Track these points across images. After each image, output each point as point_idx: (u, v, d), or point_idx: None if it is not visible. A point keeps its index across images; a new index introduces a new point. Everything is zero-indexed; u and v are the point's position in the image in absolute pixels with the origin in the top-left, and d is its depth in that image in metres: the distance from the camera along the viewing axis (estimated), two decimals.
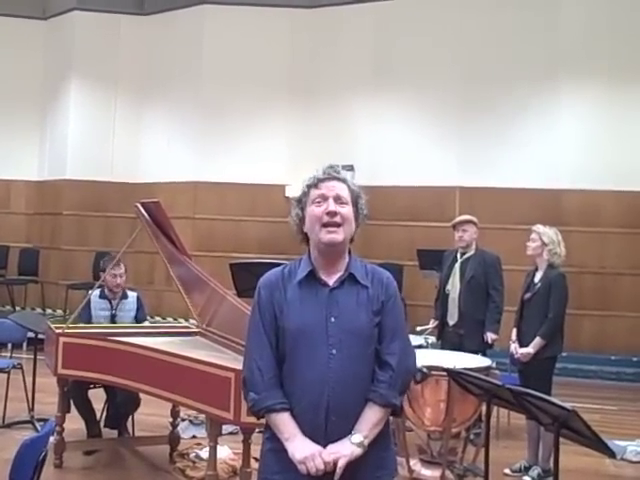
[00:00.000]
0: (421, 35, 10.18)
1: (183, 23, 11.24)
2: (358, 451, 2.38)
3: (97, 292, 5.89)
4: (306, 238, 2.54)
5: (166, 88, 11.32)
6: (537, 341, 5.20)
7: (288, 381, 2.44)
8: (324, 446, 2.38)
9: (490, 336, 5.96)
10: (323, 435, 2.39)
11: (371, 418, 2.43)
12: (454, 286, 6.18)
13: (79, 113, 11.50)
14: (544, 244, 5.34)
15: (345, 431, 2.40)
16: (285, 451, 2.39)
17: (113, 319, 5.88)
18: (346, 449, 2.37)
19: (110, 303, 5.90)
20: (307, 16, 10.89)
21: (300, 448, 2.36)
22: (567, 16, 9.62)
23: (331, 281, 2.48)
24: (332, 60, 10.69)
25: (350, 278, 2.49)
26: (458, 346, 5.79)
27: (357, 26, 10.56)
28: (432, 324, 6.33)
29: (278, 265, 2.61)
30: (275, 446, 2.45)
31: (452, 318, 6.16)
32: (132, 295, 6.03)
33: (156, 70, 11.40)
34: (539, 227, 5.44)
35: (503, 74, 9.84)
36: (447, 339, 6.15)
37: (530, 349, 5.20)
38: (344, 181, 2.54)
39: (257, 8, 10.88)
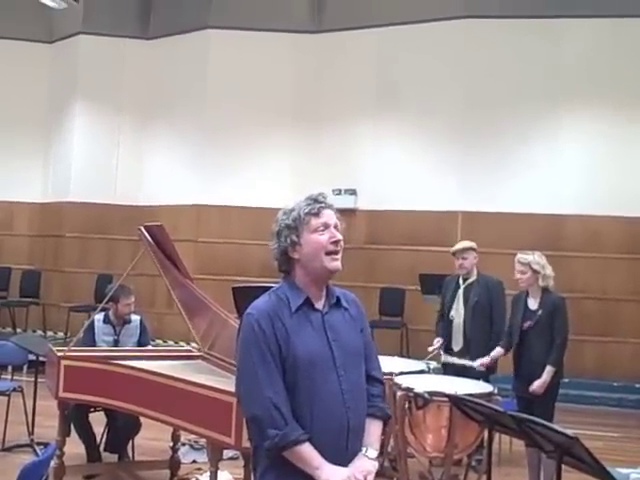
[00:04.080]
0: (424, 61, 10.26)
1: (187, 47, 11.33)
2: (377, 464, 2.50)
3: (101, 317, 5.88)
4: (288, 264, 2.56)
5: (170, 112, 11.39)
6: (549, 370, 5.14)
7: (306, 410, 2.43)
8: (345, 466, 2.44)
9: (481, 360, 5.82)
10: (344, 455, 2.46)
11: (376, 432, 2.57)
12: (458, 312, 6.15)
13: (83, 136, 11.57)
14: (535, 272, 5.29)
15: (358, 448, 2.50)
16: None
17: (116, 344, 5.86)
18: (370, 465, 2.48)
19: (114, 328, 5.89)
20: (310, 41, 10.98)
21: (336, 473, 2.40)
22: (569, 42, 9.70)
23: (319, 306, 2.54)
24: (335, 85, 10.76)
25: (335, 302, 2.58)
26: (462, 371, 5.74)
27: (360, 51, 10.65)
28: (437, 343, 6.27)
29: None
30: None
31: (457, 344, 6.13)
32: (135, 319, 6.01)
33: (160, 94, 11.48)
34: (523, 257, 5.32)
35: (505, 100, 9.90)
36: (451, 364, 6.10)
37: (544, 378, 5.15)
38: (333, 208, 2.60)
39: (261, 33, 10.97)
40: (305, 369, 2.43)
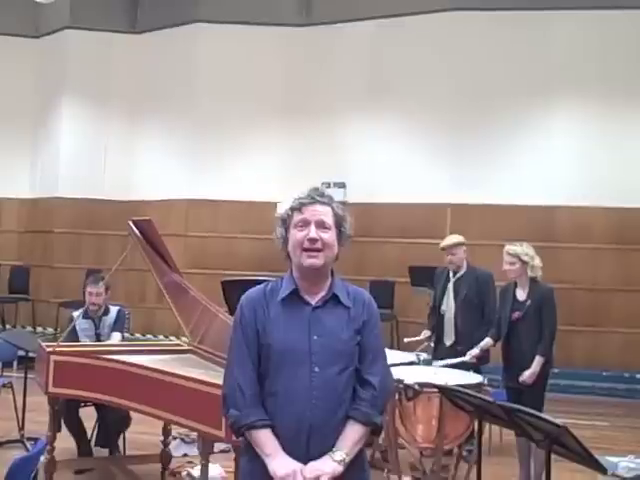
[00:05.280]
0: (414, 53, 10.24)
1: (176, 41, 11.27)
2: (339, 469, 2.40)
3: (80, 313, 5.87)
4: (289, 255, 2.58)
5: (159, 106, 11.34)
6: (538, 360, 5.15)
7: (271, 398, 2.46)
8: (305, 464, 2.40)
9: (470, 353, 5.71)
10: (305, 452, 2.42)
11: (352, 436, 2.47)
12: (449, 306, 6.14)
13: (71, 131, 11.51)
14: (524, 263, 5.30)
15: (326, 448, 2.43)
16: (263, 472, 2.41)
17: (98, 338, 5.86)
18: (328, 466, 2.40)
19: (94, 322, 5.89)
20: (301, 34, 10.95)
21: (282, 465, 2.38)
22: (559, 33, 9.71)
23: (313, 300, 2.52)
24: (325, 78, 10.74)
25: (333, 298, 2.54)
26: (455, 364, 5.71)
27: (350, 44, 10.62)
28: (424, 335, 6.27)
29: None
30: (253, 467, 2.48)
31: (449, 338, 6.11)
32: (114, 310, 6.02)
33: (149, 88, 11.42)
34: (511, 248, 5.33)
35: (495, 92, 9.91)
36: (443, 357, 6.08)
37: (534, 369, 5.17)
38: (328, 204, 2.56)
39: (251, 26, 10.94)
40: (275, 359, 2.46)
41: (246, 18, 10.95)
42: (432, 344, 6.33)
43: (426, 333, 6.28)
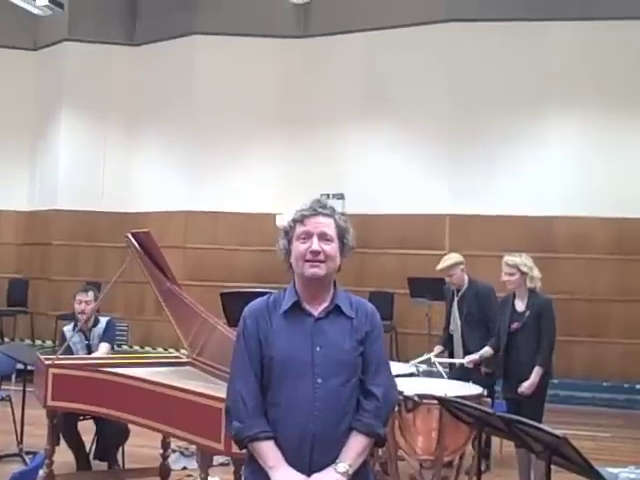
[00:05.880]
0: (411, 64, 10.27)
1: (174, 53, 11.31)
2: None
3: (70, 326, 5.86)
4: (292, 267, 2.58)
5: (157, 118, 11.37)
6: (537, 370, 5.14)
7: (273, 410, 2.46)
8: (308, 475, 2.40)
9: (469, 357, 5.72)
10: (307, 464, 2.42)
11: (356, 447, 2.46)
12: (456, 326, 6.14)
13: (69, 143, 11.53)
14: (524, 274, 5.30)
15: (329, 460, 2.43)
16: None
17: (89, 349, 5.83)
18: (331, 478, 2.39)
19: (85, 334, 5.87)
20: (298, 46, 10.98)
21: (285, 476, 2.38)
22: (556, 43, 9.74)
23: (316, 311, 2.52)
24: (323, 89, 10.77)
25: (335, 309, 2.53)
26: (467, 376, 5.66)
27: (347, 55, 10.66)
28: (436, 350, 6.23)
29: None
30: (257, 479, 2.47)
31: (459, 358, 6.10)
32: (103, 320, 5.98)
33: (147, 100, 11.45)
34: (510, 259, 5.32)
35: (493, 102, 9.93)
36: (455, 376, 6.00)
37: (533, 379, 5.16)
38: (331, 216, 2.55)
39: (248, 38, 10.98)
40: (278, 370, 2.46)
41: (244, 30, 10.99)
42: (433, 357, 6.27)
43: (439, 348, 6.25)
